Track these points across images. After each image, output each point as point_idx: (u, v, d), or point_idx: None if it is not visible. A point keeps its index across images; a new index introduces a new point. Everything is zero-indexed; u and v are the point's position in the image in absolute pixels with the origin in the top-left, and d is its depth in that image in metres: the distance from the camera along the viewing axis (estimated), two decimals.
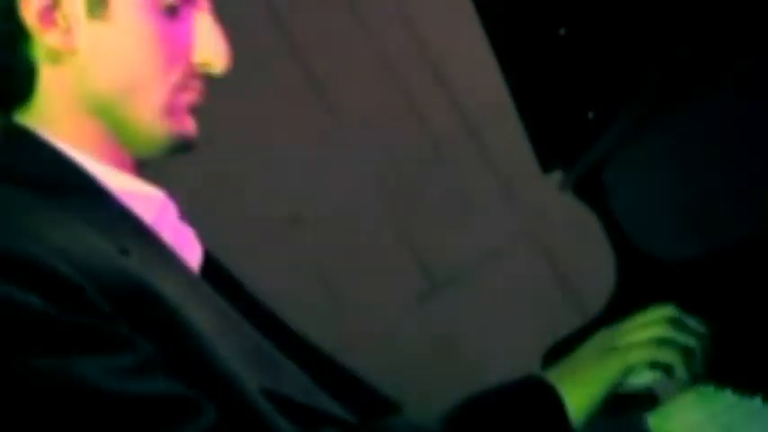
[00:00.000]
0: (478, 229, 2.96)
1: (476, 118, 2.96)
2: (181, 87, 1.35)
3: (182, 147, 1.37)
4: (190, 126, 1.37)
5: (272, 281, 1.55)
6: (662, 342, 1.49)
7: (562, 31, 1.87)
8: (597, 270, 1.99)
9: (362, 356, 2.79)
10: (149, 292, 1.22)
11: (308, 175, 2.94)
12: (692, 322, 1.52)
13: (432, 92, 2.98)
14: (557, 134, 1.97)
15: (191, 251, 1.39)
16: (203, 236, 1.42)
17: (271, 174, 2.91)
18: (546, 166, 1.99)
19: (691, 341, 1.50)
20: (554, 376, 1.49)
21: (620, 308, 1.91)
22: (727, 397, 1.49)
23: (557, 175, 2.04)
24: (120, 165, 1.36)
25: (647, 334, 1.51)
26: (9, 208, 1.26)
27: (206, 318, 1.27)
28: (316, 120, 2.97)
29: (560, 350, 1.88)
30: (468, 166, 2.97)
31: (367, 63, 2.97)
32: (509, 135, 2.18)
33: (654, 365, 1.50)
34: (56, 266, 1.17)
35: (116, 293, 1.19)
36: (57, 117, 1.34)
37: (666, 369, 1.50)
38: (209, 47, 1.36)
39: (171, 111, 1.34)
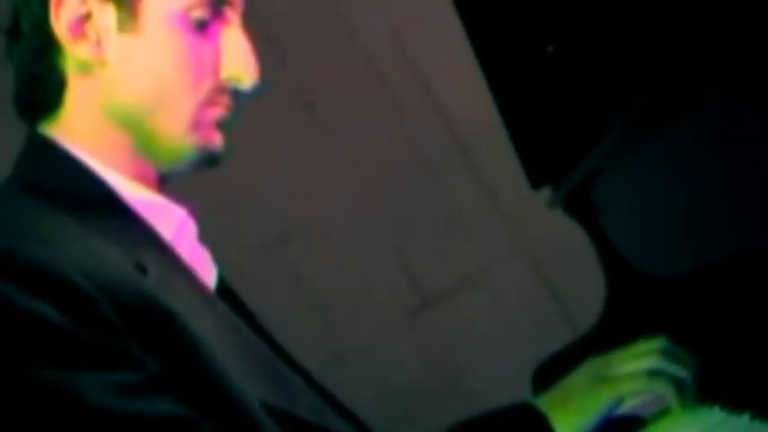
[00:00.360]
0: (469, 245, 2.96)
1: (466, 134, 2.97)
2: (209, 102, 1.35)
3: (208, 161, 1.37)
4: (217, 141, 1.36)
5: (263, 298, 1.54)
6: (655, 373, 1.50)
7: (550, 48, 1.87)
8: (588, 285, 1.99)
9: (353, 372, 2.80)
10: (162, 309, 1.22)
11: (298, 192, 2.94)
12: (682, 354, 1.53)
13: (422, 109, 2.98)
14: (545, 150, 1.97)
15: (206, 272, 1.38)
16: None
17: (260, 190, 2.91)
18: (535, 182, 2.00)
19: (682, 373, 1.51)
20: (546, 404, 1.51)
21: (610, 324, 1.91)
22: (716, 414, 1.49)
23: (547, 191, 2.05)
24: (143, 179, 1.35)
25: (640, 365, 1.52)
26: (28, 216, 1.26)
27: (221, 336, 1.27)
28: (306, 136, 2.97)
29: (551, 366, 1.89)
30: (458, 183, 2.97)
31: (357, 80, 2.98)
32: (499, 151, 2.18)
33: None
34: (70, 276, 1.17)
35: (128, 309, 1.19)
36: (82, 129, 1.34)
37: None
38: (238, 62, 1.35)
39: (198, 125, 1.34)
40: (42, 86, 1.34)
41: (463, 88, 2.65)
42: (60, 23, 1.31)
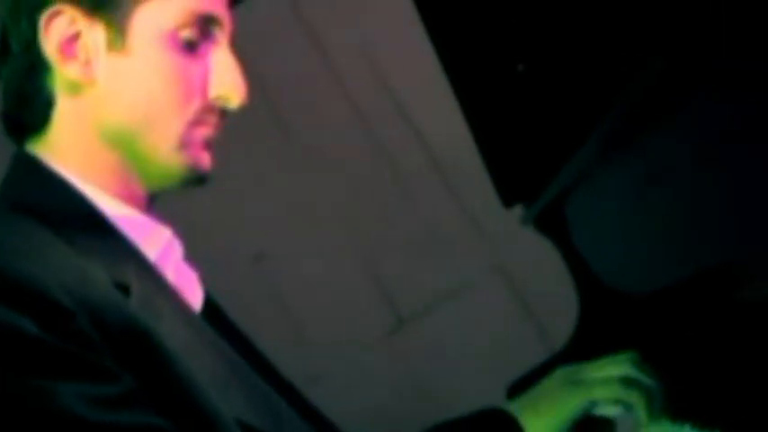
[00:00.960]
0: (444, 264, 2.96)
1: (441, 154, 2.98)
2: (197, 121, 1.35)
3: (195, 180, 1.37)
4: (205, 160, 1.37)
5: (238, 317, 1.55)
6: (627, 381, 1.52)
7: (521, 67, 1.88)
8: (564, 303, 2.00)
9: (330, 392, 2.80)
10: (140, 329, 1.23)
11: (273, 213, 2.95)
12: (650, 370, 1.55)
13: (397, 128, 2.99)
14: (517, 169, 1.98)
15: (192, 292, 1.39)
16: None
17: (235, 211, 2.91)
18: (507, 200, 2.01)
19: (652, 383, 1.52)
20: (517, 407, 1.52)
21: (583, 341, 1.92)
22: None
23: (521, 209, 2.06)
24: (130, 199, 1.36)
25: (613, 371, 1.53)
26: (13, 233, 1.26)
27: (202, 356, 1.28)
28: (281, 157, 2.97)
29: (526, 382, 1.89)
30: (433, 202, 2.98)
31: (332, 102, 2.99)
32: (474, 170, 2.19)
33: (616, 403, 1.52)
34: (51, 292, 1.17)
35: (107, 326, 1.20)
36: (69, 148, 1.34)
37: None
38: (227, 82, 1.36)
39: (187, 144, 1.34)
40: (30, 106, 1.35)
41: (437, 108, 2.66)
42: (50, 43, 1.32)
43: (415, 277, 2.96)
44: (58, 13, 1.32)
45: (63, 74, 1.33)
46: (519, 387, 1.91)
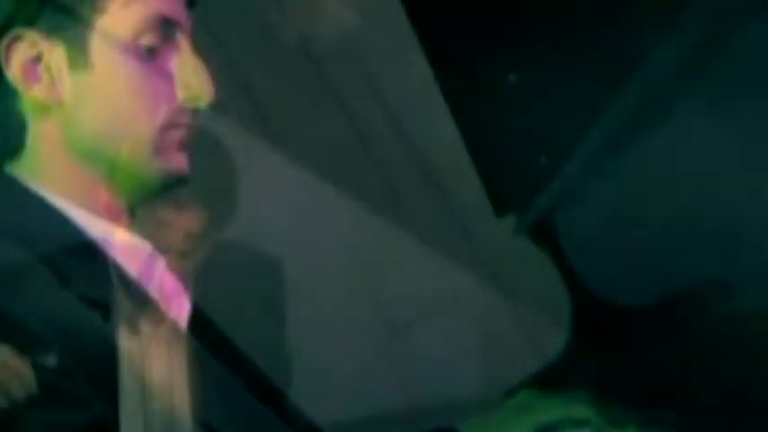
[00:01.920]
0: (438, 273, 2.96)
1: (434, 163, 2.98)
2: (169, 125, 1.35)
3: (174, 184, 1.38)
4: (181, 163, 1.37)
5: (229, 328, 1.55)
6: (573, 398, 1.54)
7: (512, 77, 1.89)
8: (556, 313, 2.00)
9: (320, 403, 2.80)
10: (114, 351, 1.22)
11: (263, 223, 2.94)
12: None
13: (389, 137, 2.99)
14: (510, 179, 1.99)
15: (177, 305, 1.39)
16: None
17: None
18: (500, 209, 2.01)
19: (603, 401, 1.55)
20: (474, 428, 1.54)
21: (576, 351, 1.92)
22: None
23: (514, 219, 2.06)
24: (110, 215, 1.36)
25: (563, 397, 1.55)
26: None
27: (189, 375, 1.28)
28: (273, 166, 2.97)
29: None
30: (425, 210, 2.98)
31: (324, 111, 2.99)
32: (468, 179, 2.20)
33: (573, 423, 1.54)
34: (23, 318, 1.17)
35: (83, 353, 1.19)
36: (47, 168, 1.34)
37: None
38: (192, 83, 1.37)
39: (160, 150, 1.35)
40: (3, 132, 1.34)
41: (431, 120, 2.67)
42: (12, 69, 1.32)
43: (407, 287, 2.96)
44: (17, 38, 1.32)
45: (30, 97, 1.33)
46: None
